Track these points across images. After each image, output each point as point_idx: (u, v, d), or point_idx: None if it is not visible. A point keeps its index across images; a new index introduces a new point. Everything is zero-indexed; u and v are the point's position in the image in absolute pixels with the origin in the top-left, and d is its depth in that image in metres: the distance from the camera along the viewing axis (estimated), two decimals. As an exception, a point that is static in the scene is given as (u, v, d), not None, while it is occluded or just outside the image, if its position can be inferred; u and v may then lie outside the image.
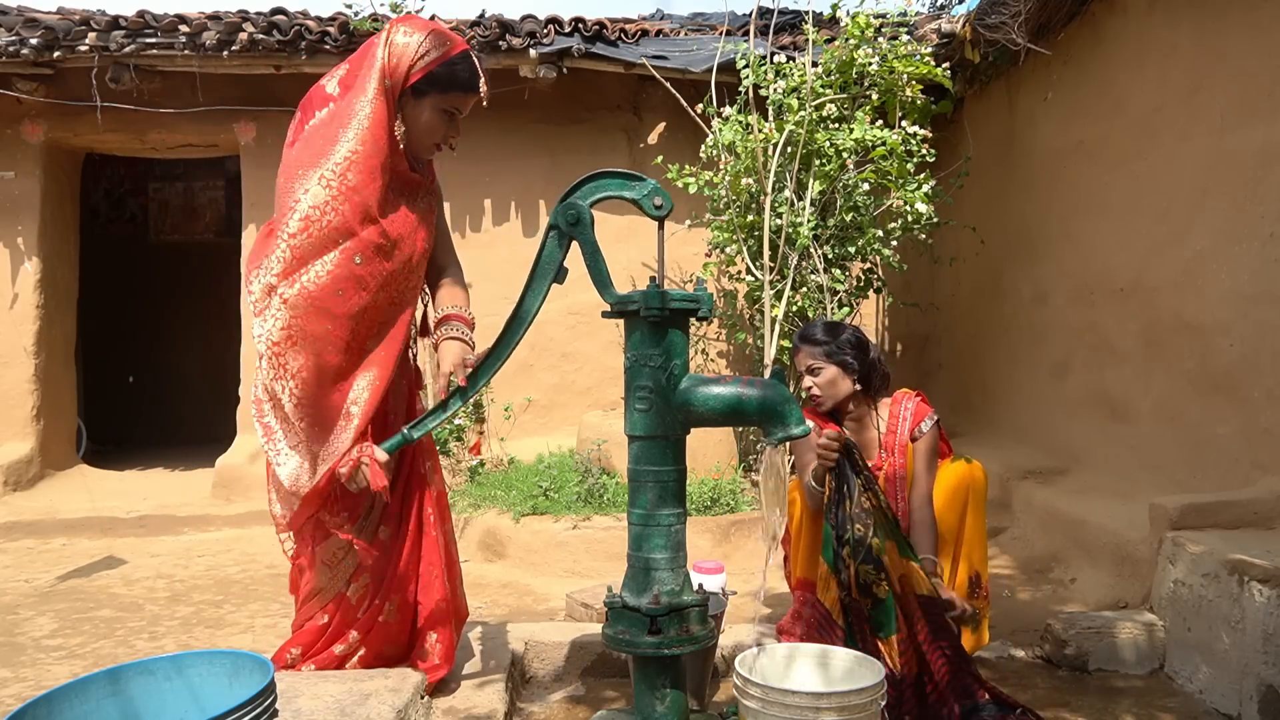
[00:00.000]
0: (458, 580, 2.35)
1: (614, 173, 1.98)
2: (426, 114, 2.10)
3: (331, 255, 1.95)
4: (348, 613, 2.16)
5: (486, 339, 2.09)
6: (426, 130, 2.13)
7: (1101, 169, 4.12)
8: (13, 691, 2.66)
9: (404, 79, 2.05)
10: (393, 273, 2.07)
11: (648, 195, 1.96)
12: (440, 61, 2.06)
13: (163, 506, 5.22)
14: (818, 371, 2.54)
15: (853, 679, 1.92)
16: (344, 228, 1.96)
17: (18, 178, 5.65)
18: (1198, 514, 2.85)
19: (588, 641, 2.70)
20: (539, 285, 2.02)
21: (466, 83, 2.11)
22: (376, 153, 2.00)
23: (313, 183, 1.95)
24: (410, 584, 2.21)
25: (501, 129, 5.64)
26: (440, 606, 2.23)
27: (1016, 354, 4.99)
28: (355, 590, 2.15)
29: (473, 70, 2.11)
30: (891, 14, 4.93)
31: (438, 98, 2.09)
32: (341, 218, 1.96)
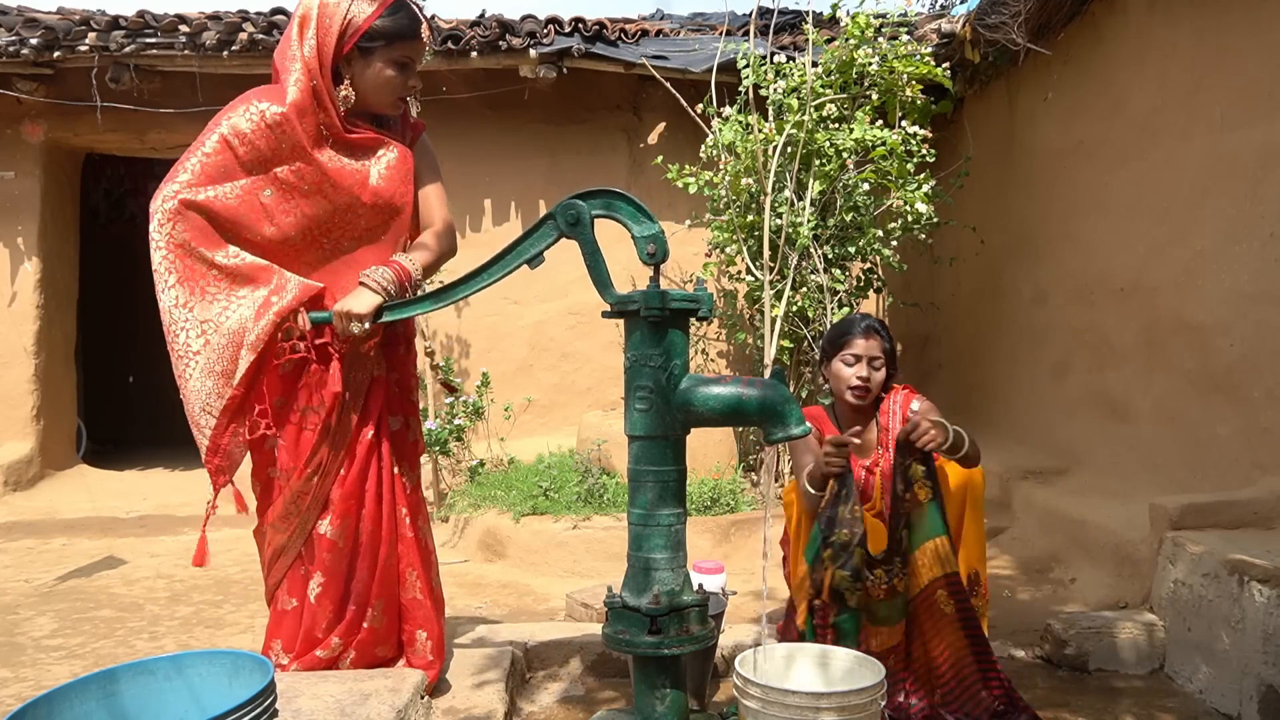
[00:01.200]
0: (434, 569, 2.34)
1: (629, 199, 1.96)
2: (379, 71, 2.13)
3: (241, 181, 2.07)
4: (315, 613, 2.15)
5: (487, 338, 2.10)
6: (383, 86, 2.15)
7: (1101, 169, 4.12)
8: (13, 691, 2.66)
9: (339, 43, 2.08)
10: (317, 216, 2.12)
11: (648, 237, 1.93)
12: (376, 16, 2.09)
13: (163, 506, 5.23)
14: (879, 367, 2.51)
15: (853, 679, 1.92)
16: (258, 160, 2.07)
17: (18, 178, 5.65)
18: (1198, 514, 2.85)
19: (588, 641, 2.70)
20: (510, 259, 2.04)
21: (408, 30, 2.13)
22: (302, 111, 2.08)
23: (238, 115, 2.07)
24: (393, 585, 2.21)
25: (501, 129, 5.64)
26: (425, 604, 2.24)
27: (1016, 354, 4.99)
28: (314, 588, 2.14)
29: (411, 17, 2.14)
30: (891, 14, 4.93)
31: (384, 51, 2.11)
32: (256, 151, 2.06)
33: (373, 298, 2.07)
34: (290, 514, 2.15)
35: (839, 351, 2.53)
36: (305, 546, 2.15)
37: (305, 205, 2.12)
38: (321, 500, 2.14)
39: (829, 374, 2.59)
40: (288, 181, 2.10)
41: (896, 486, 2.25)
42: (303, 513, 2.14)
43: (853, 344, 2.51)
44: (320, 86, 2.08)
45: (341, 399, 2.13)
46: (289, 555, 2.16)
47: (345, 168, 2.14)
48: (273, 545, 2.18)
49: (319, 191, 2.12)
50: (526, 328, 5.71)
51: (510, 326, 5.71)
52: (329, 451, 2.13)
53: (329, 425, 2.13)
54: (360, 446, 2.16)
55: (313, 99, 2.08)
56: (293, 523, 2.15)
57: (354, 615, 2.17)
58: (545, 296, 5.68)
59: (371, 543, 2.17)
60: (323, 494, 2.13)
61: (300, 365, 2.13)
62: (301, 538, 2.15)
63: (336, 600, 2.15)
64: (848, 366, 2.50)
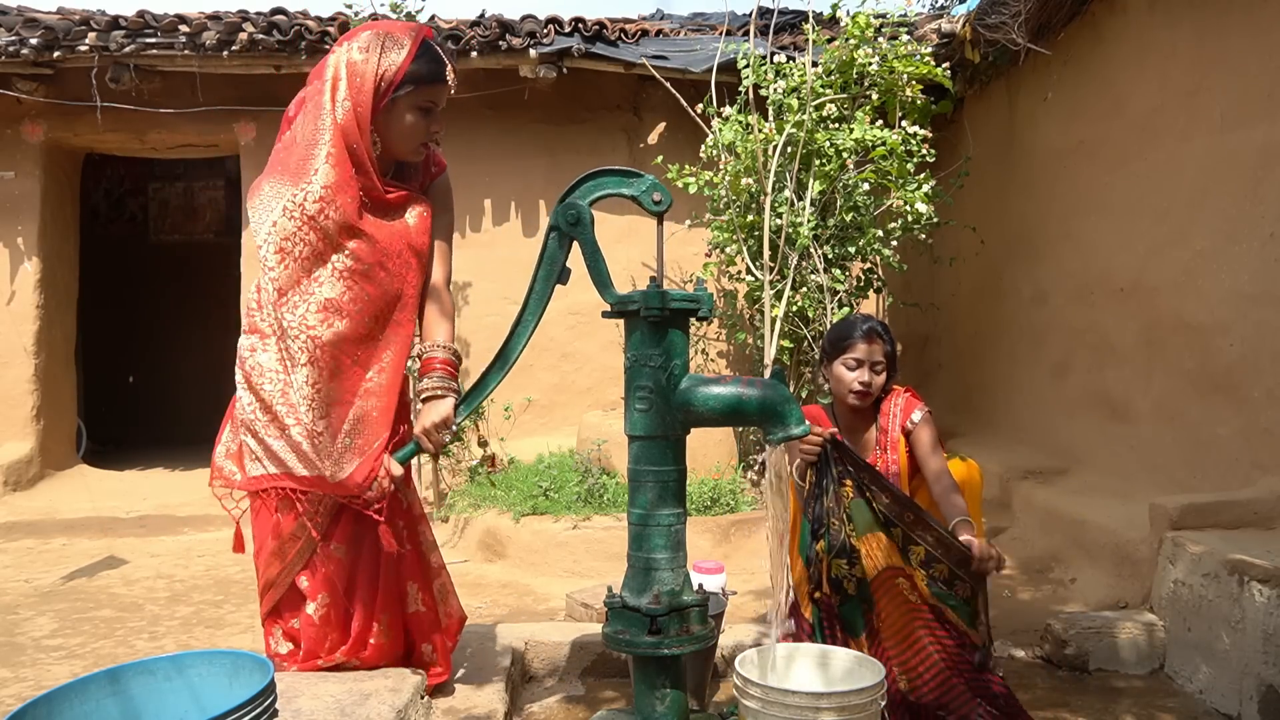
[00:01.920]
0: (444, 587, 2.31)
1: (612, 170, 1.98)
2: (402, 117, 2.05)
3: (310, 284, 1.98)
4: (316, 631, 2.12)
5: (488, 338, 2.10)
6: (407, 133, 2.08)
7: (1101, 169, 4.12)
8: (13, 691, 2.66)
9: (375, 99, 2.00)
10: (380, 294, 2.04)
11: (646, 191, 1.96)
12: (410, 61, 2.02)
13: (163, 506, 5.23)
14: (880, 371, 2.50)
15: (853, 679, 1.92)
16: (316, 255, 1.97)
17: (18, 178, 5.65)
18: (1198, 514, 2.85)
19: (588, 641, 2.70)
20: (541, 288, 2.03)
21: (435, 74, 2.06)
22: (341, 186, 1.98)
23: (278, 214, 1.95)
24: (396, 602, 2.19)
25: (501, 129, 5.64)
26: (428, 617, 2.23)
27: (1016, 354, 4.99)
28: (317, 608, 2.11)
29: (437, 60, 2.07)
30: (892, 14, 4.93)
31: (410, 97, 2.04)
32: (311, 247, 1.96)
33: (448, 404, 2.06)
34: (285, 550, 2.11)
35: (840, 354, 2.52)
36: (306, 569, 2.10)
37: (369, 287, 2.02)
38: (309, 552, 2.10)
39: (830, 375, 2.59)
40: (349, 269, 1.99)
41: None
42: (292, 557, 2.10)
43: (855, 348, 2.50)
44: (360, 150, 1.99)
45: None
46: (279, 589, 2.12)
47: (390, 228, 2.07)
48: (265, 577, 2.14)
49: (379, 266, 2.03)
50: (526, 327, 5.70)
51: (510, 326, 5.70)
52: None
53: None
54: None
55: (351, 169, 1.99)
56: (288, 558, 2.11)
57: (357, 634, 2.14)
58: (545, 296, 5.68)
59: (371, 560, 2.15)
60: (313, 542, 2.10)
61: None
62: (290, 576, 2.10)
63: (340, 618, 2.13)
64: (849, 370, 2.50)
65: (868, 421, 2.59)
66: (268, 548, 2.10)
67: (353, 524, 2.11)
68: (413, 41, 2.03)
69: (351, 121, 1.98)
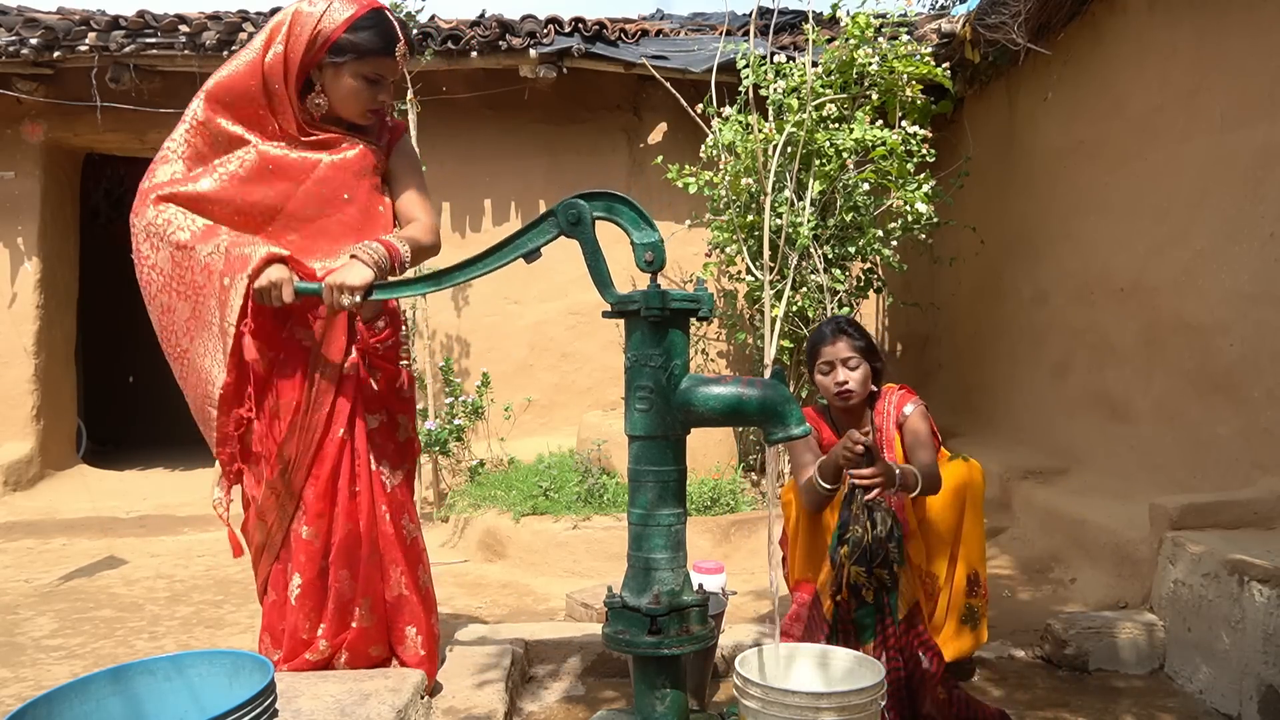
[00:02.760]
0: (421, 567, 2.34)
1: (631, 204, 1.95)
2: (345, 82, 2.16)
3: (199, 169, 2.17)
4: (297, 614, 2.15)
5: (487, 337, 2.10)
6: (349, 98, 2.18)
7: (1101, 169, 4.12)
8: (13, 691, 2.66)
9: (307, 52, 2.11)
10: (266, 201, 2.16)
11: (646, 245, 1.92)
12: (345, 27, 2.11)
13: (163, 506, 5.23)
14: (855, 366, 2.51)
15: (853, 679, 1.92)
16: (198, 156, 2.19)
17: (18, 178, 5.65)
18: (1198, 514, 2.85)
19: (588, 641, 2.70)
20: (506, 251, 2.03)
21: (381, 48, 2.15)
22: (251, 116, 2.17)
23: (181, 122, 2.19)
24: (378, 584, 2.21)
25: (501, 129, 5.64)
26: (410, 600, 2.25)
27: (1016, 354, 4.99)
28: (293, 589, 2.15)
29: (387, 34, 2.15)
30: (891, 14, 4.93)
31: (354, 65, 2.14)
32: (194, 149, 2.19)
33: (365, 271, 2.04)
34: (267, 510, 2.17)
35: (814, 363, 2.57)
36: (284, 547, 2.17)
37: (254, 191, 2.17)
38: (295, 496, 2.15)
39: (818, 387, 2.62)
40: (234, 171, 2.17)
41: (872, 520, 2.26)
42: (278, 509, 2.16)
43: (822, 352, 2.54)
44: (281, 92, 2.13)
45: (309, 393, 2.15)
46: (270, 552, 2.19)
47: (292, 159, 2.18)
48: (254, 542, 2.22)
49: (263, 179, 2.17)
50: (526, 328, 5.71)
51: (510, 326, 5.71)
52: (297, 447, 2.14)
53: (295, 419, 2.14)
54: (330, 445, 2.16)
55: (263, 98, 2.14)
56: (270, 519, 2.17)
57: (335, 614, 2.16)
58: (545, 296, 5.68)
59: (347, 542, 2.16)
60: (295, 490, 2.15)
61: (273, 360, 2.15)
62: (280, 533, 2.17)
63: (316, 599, 2.16)
64: (824, 376, 2.54)
65: (864, 422, 2.59)
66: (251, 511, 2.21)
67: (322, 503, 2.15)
68: (357, 8, 2.13)
69: (278, 64, 2.12)
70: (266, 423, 2.16)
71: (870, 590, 2.23)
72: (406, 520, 2.29)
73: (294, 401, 2.14)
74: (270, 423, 2.16)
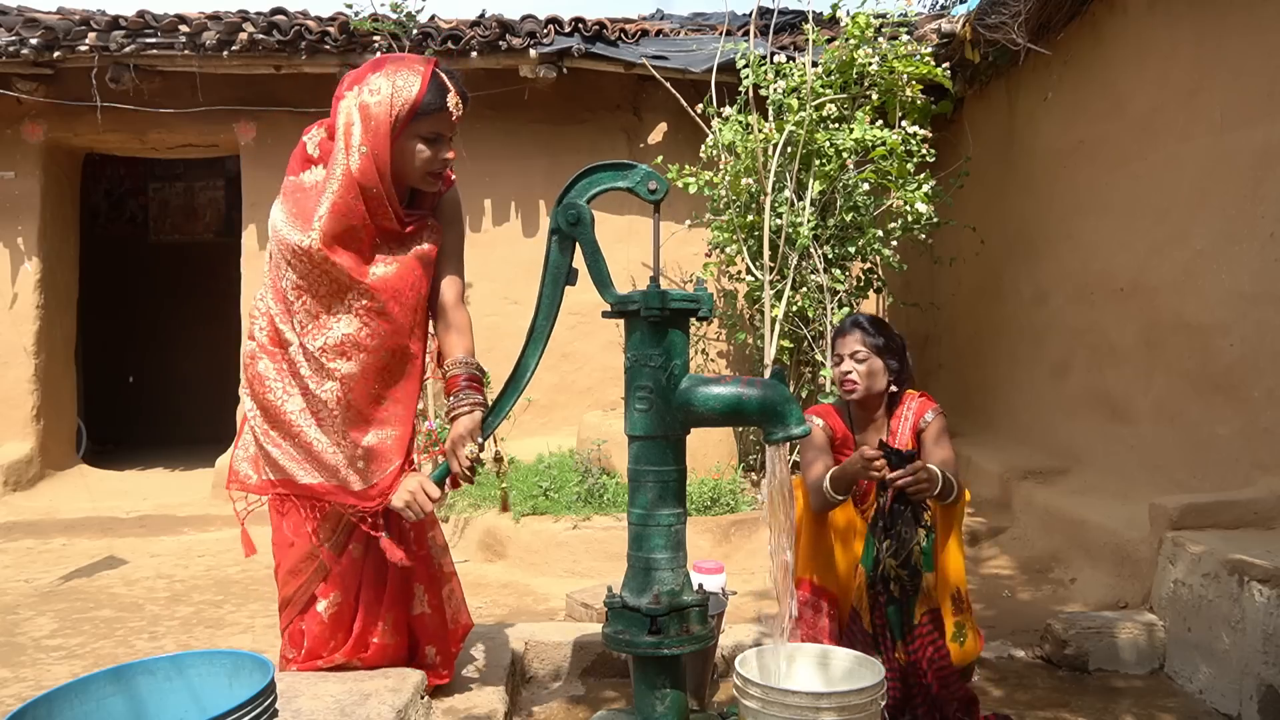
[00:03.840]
0: (454, 593, 2.33)
1: (605, 165, 1.98)
2: (402, 147, 2.03)
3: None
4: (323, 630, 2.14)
5: (487, 337, 2.10)
6: (411, 162, 2.05)
7: (1101, 169, 4.12)
8: (13, 691, 2.66)
9: (392, 138, 2.00)
10: (389, 331, 2.06)
11: (641, 181, 1.95)
12: (420, 98, 1.99)
13: (163, 506, 5.23)
14: (862, 359, 2.50)
15: (853, 679, 1.92)
16: (333, 294, 2.00)
17: (18, 178, 5.65)
18: (1198, 514, 2.85)
19: (588, 641, 2.70)
20: (550, 292, 2.04)
21: (434, 105, 2.02)
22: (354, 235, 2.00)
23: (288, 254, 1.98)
24: (401, 603, 2.20)
25: (501, 129, 5.64)
26: (433, 620, 2.24)
27: (1016, 354, 4.99)
28: (328, 607, 2.13)
29: (437, 88, 2.03)
30: (891, 14, 4.93)
31: (410, 128, 2.02)
32: (327, 287, 2.00)
33: (475, 417, 2.06)
34: (302, 570, 2.13)
35: (833, 355, 2.57)
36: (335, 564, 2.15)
37: (384, 323, 2.04)
38: (325, 571, 2.12)
39: None
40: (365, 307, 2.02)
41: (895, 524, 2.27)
42: (314, 570, 2.13)
43: (835, 344, 2.57)
44: (379, 193, 2.00)
45: None
46: (295, 607, 2.15)
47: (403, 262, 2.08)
48: (281, 595, 2.17)
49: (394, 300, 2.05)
50: (526, 328, 5.70)
51: (510, 326, 5.70)
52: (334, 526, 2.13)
53: None
54: None
55: (364, 213, 2.00)
56: (303, 577, 2.13)
57: (361, 633, 2.15)
58: (545, 296, 5.68)
59: (378, 562, 2.15)
60: (328, 562, 2.12)
61: None
62: (308, 593, 2.13)
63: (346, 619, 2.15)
64: (835, 366, 2.55)
65: (880, 422, 2.59)
66: (285, 565, 2.14)
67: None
68: (424, 74, 2.01)
69: (370, 165, 1.97)
70: None
71: (899, 585, 2.24)
72: (431, 538, 2.29)
73: None
74: None
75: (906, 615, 2.26)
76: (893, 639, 2.28)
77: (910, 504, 2.23)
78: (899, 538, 2.24)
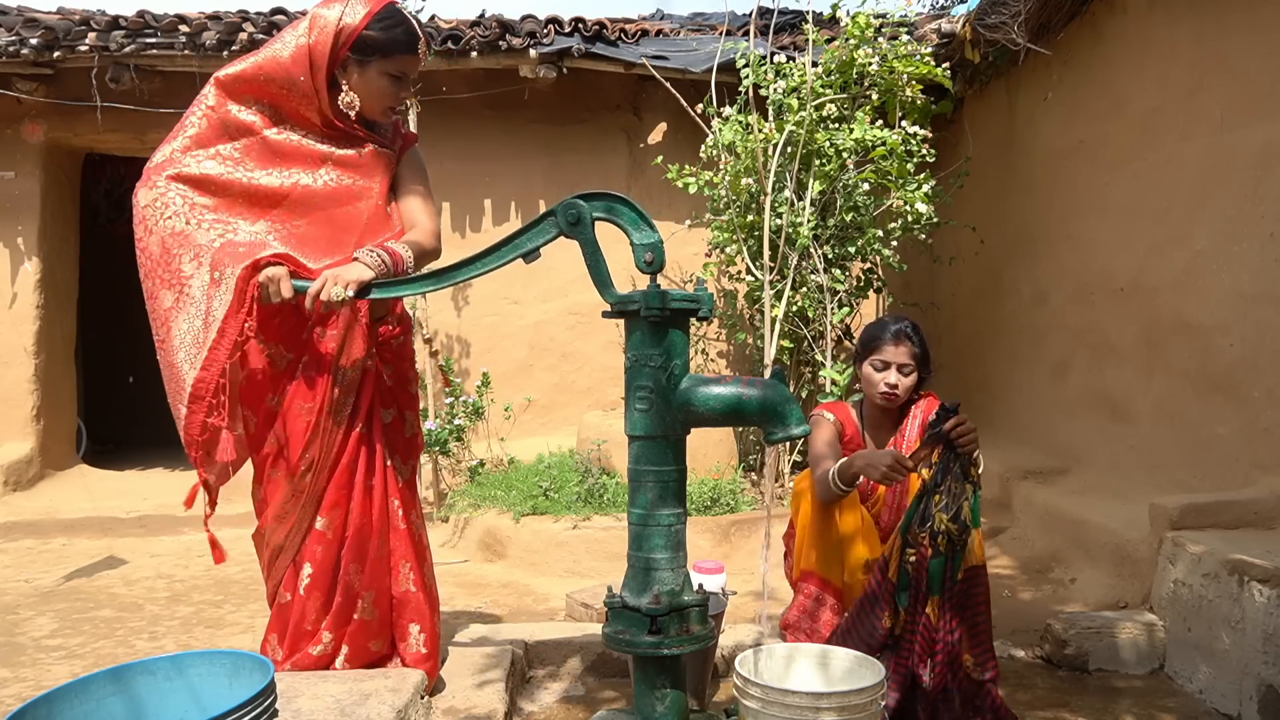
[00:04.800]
0: (428, 565, 2.35)
1: (631, 205, 1.95)
2: (372, 79, 2.18)
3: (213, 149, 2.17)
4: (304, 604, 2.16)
5: (487, 337, 2.10)
6: (375, 95, 2.20)
7: (1101, 169, 4.12)
8: (13, 691, 2.66)
9: (334, 49, 2.13)
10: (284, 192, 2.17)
11: (645, 245, 1.91)
12: (365, 23, 2.13)
13: (163, 506, 5.22)
14: (909, 373, 2.51)
15: (853, 679, 1.92)
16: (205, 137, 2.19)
17: (18, 178, 5.65)
18: (1198, 514, 2.85)
19: (588, 641, 2.70)
20: (506, 250, 2.02)
21: (407, 45, 2.19)
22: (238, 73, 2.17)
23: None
24: (384, 577, 2.22)
25: (501, 129, 5.64)
26: (417, 597, 2.25)
27: (1016, 354, 4.99)
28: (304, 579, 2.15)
29: (410, 32, 2.19)
30: (892, 14, 4.93)
31: (381, 63, 2.17)
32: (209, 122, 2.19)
33: (363, 270, 2.05)
34: (287, 512, 2.16)
35: (869, 355, 2.55)
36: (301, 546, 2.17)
37: (261, 175, 2.18)
38: (317, 497, 2.15)
39: (860, 375, 2.61)
40: (241, 155, 2.19)
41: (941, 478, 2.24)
42: (299, 510, 2.16)
43: (882, 349, 2.53)
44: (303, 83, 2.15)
45: (331, 396, 2.14)
46: (288, 554, 2.18)
47: (303, 145, 2.21)
48: (271, 544, 2.19)
49: (271, 162, 2.19)
50: (526, 328, 5.71)
51: (510, 326, 5.71)
52: (320, 447, 2.14)
53: (319, 422, 2.14)
54: (350, 439, 2.17)
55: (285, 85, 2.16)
56: (289, 521, 2.16)
57: (342, 606, 2.17)
58: (545, 296, 5.68)
59: (360, 534, 2.18)
60: (317, 491, 2.15)
61: (292, 362, 2.16)
62: (299, 536, 2.16)
63: (325, 591, 2.17)
64: (877, 372, 2.53)
65: (894, 422, 2.60)
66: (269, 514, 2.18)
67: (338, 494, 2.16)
68: (373, 5, 2.16)
69: (303, 55, 2.13)
70: (270, 423, 2.16)
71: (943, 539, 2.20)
72: (416, 517, 2.31)
73: (317, 404, 2.13)
74: (278, 423, 2.15)
75: (950, 571, 2.24)
76: (926, 594, 2.23)
77: (960, 459, 2.23)
78: (949, 492, 2.23)
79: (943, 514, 2.21)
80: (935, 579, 2.21)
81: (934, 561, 2.22)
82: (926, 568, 2.22)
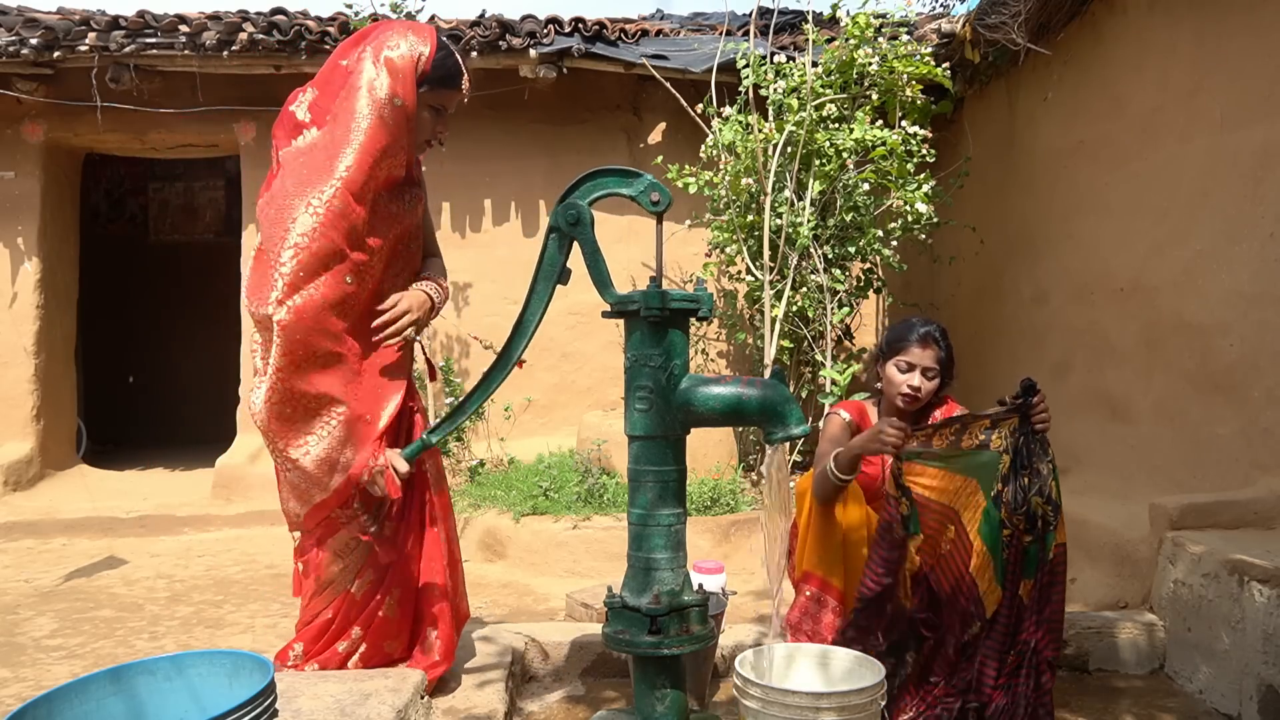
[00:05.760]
0: (460, 580, 2.35)
1: (611, 170, 1.98)
2: (419, 116, 2.13)
3: (322, 278, 1.98)
4: (351, 608, 2.16)
5: (487, 336, 2.10)
6: (419, 128, 2.16)
7: (1101, 169, 4.12)
8: (13, 691, 2.66)
9: (415, 89, 2.07)
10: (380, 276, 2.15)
11: (644, 190, 1.96)
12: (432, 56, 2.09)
13: (163, 506, 5.22)
14: (933, 377, 2.50)
15: (853, 679, 1.92)
16: (334, 251, 1.99)
17: (18, 178, 5.65)
18: (1198, 514, 2.85)
19: (588, 641, 2.70)
20: (542, 288, 2.03)
21: (453, 80, 2.15)
22: (366, 177, 2.03)
23: (300, 211, 1.96)
24: (411, 579, 2.21)
25: (501, 129, 5.64)
26: (441, 603, 2.24)
27: (1016, 354, 4.99)
28: (360, 586, 2.15)
29: (457, 65, 2.17)
30: (891, 14, 4.94)
31: (427, 96, 2.12)
32: (330, 242, 1.98)
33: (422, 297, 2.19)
34: (350, 548, 2.13)
35: (894, 355, 2.52)
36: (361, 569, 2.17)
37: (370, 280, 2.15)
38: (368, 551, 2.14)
39: (882, 374, 2.58)
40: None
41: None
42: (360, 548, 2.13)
43: (908, 351, 2.49)
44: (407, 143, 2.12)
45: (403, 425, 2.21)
46: (337, 587, 2.14)
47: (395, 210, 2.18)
48: (326, 574, 2.14)
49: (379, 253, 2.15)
50: (526, 327, 5.70)
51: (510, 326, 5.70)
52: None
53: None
54: None
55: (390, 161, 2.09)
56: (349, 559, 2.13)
57: (375, 604, 2.17)
58: (545, 296, 5.68)
59: (397, 533, 2.18)
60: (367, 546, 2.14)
61: None
62: (353, 574, 2.13)
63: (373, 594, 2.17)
64: (900, 373, 2.50)
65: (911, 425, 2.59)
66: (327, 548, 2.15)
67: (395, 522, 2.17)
68: (432, 36, 2.12)
69: (403, 115, 2.06)
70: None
71: (1041, 521, 2.25)
72: (449, 526, 2.31)
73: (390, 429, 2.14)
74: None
75: (1043, 550, 2.23)
76: (1019, 577, 2.25)
77: (1036, 438, 2.24)
78: (1037, 473, 2.24)
79: (1036, 496, 2.22)
80: (1032, 562, 2.22)
81: (1032, 546, 2.24)
82: (1025, 551, 2.23)
